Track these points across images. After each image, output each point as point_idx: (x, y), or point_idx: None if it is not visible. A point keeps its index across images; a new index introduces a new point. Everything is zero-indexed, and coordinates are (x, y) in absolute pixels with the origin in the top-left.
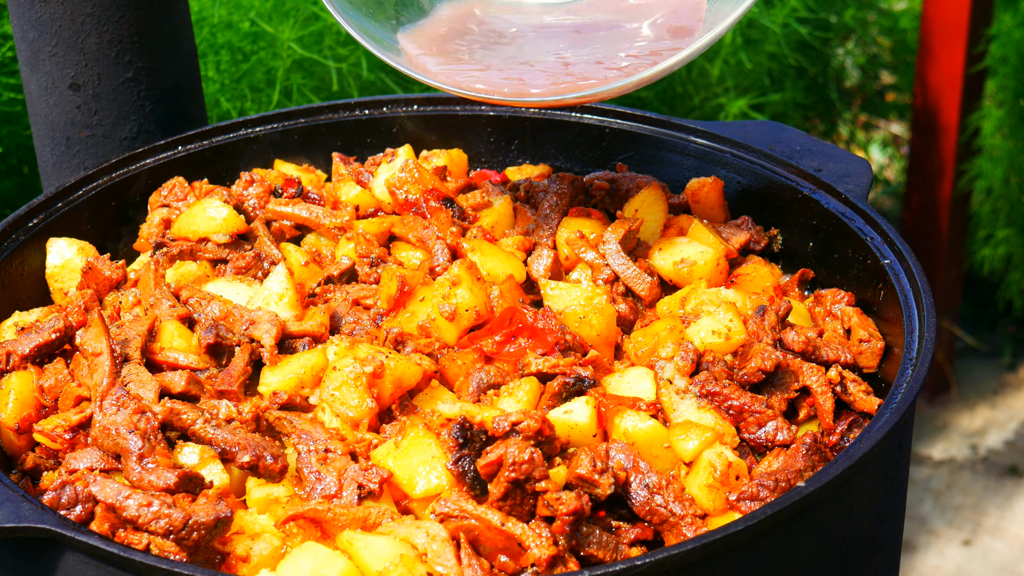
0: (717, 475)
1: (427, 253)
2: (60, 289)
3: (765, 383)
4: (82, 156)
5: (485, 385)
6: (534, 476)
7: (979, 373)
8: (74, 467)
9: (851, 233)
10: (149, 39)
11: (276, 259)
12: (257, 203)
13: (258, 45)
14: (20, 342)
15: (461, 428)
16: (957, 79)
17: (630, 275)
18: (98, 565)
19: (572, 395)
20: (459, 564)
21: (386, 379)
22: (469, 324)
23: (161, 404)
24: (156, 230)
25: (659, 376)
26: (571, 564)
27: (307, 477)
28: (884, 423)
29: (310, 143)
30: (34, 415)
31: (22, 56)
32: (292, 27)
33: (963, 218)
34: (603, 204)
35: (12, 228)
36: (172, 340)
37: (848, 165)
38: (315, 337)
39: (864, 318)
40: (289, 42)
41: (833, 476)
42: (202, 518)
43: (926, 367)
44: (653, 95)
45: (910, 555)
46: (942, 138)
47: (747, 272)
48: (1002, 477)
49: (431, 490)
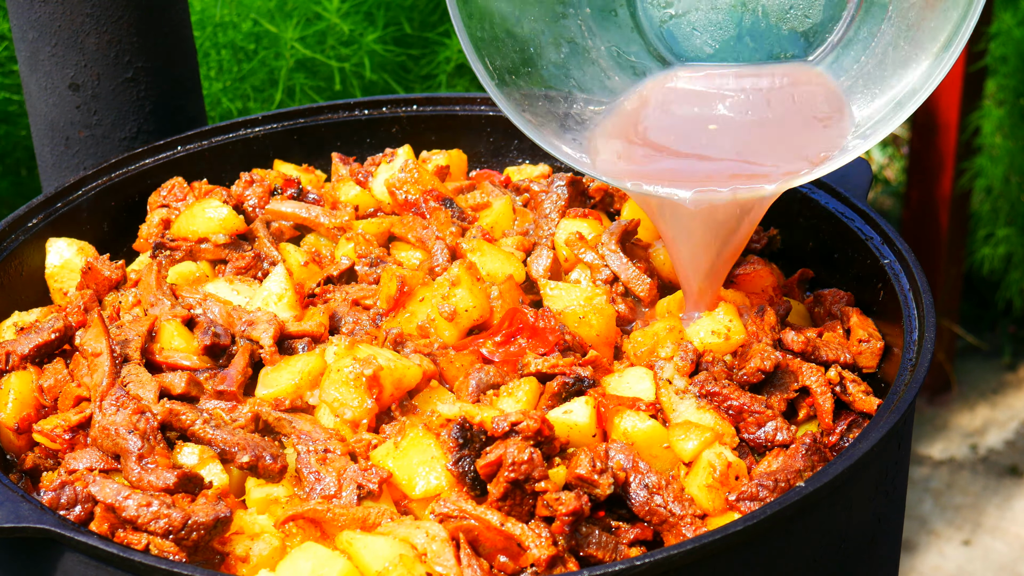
0: (716, 475)
1: (427, 253)
2: (60, 289)
3: (764, 383)
4: (81, 156)
5: (484, 385)
6: (533, 476)
7: (979, 373)
8: (73, 467)
9: (851, 233)
10: (149, 39)
11: (275, 259)
12: (257, 203)
13: (261, 45)
14: (20, 342)
15: (461, 428)
16: (957, 78)
17: (630, 275)
18: (97, 565)
19: (572, 395)
20: (458, 564)
21: (385, 380)
22: (469, 324)
23: (160, 404)
24: (155, 230)
25: (658, 376)
26: (570, 564)
27: (306, 477)
28: (884, 423)
29: (310, 143)
30: (33, 415)
31: (21, 56)
32: (295, 27)
33: (963, 217)
34: (602, 204)
35: (12, 228)
36: (172, 341)
37: (848, 165)
38: (314, 337)
39: (864, 318)
40: (292, 42)
41: (833, 476)
42: (201, 518)
43: (926, 367)
44: None
45: (910, 555)
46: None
47: (747, 272)
48: (1002, 477)
49: (431, 490)
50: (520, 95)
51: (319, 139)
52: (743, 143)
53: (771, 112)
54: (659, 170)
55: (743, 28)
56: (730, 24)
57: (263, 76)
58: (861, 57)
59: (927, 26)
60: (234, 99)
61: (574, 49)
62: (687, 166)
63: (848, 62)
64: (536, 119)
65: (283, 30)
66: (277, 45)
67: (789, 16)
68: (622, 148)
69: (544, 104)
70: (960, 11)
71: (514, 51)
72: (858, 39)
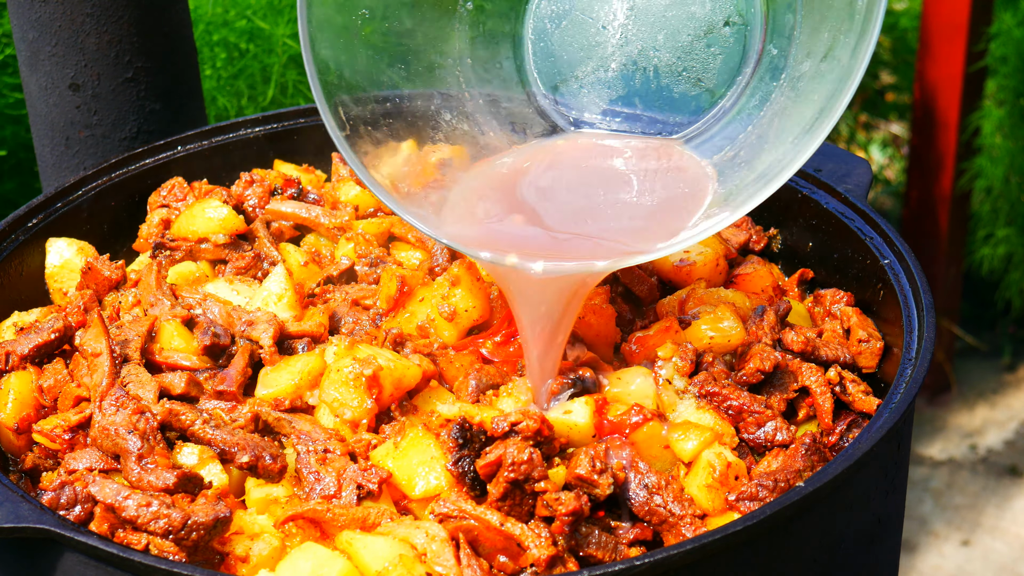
0: (716, 475)
1: (426, 253)
2: (59, 289)
3: (764, 383)
4: (82, 156)
5: (484, 385)
6: (533, 476)
7: (979, 373)
8: (73, 467)
9: (851, 233)
10: (149, 39)
11: (275, 259)
12: (257, 203)
13: (254, 42)
14: (19, 342)
15: (461, 428)
16: (957, 78)
17: (630, 276)
18: (97, 565)
19: (571, 395)
20: (458, 564)
21: (385, 380)
22: (468, 324)
23: (160, 404)
24: (155, 230)
25: (658, 376)
26: (570, 564)
27: (306, 477)
28: (883, 423)
29: (310, 143)
30: (33, 415)
31: (22, 56)
32: (287, 24)
33: (963, 217)
34: None
35: (12, 228)
36: (171, 341)
37: (848, 165)
38: (314, 337)
39: (863, 318)
40: (284, 39)
41: (832, 476)
42: (201, 518)
43: (925, 367)
44: None
45: (910, 555)
46: (942, 137)
47: (746, 272)
48: (1001, 477)
49: (430, 490)
50: (373, 147)
51: (319, 139)
52: (599, 217)
53: (635, 189)
54: (510, 238)
55: (632, 89)
56: (619, 84)
57: (256, 73)
58: (746, 128)
59: (810, 98)
60: (227, 96)
61: (447, 101)
62: (538, 236)
63: (728, 135)
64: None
65: (275, 27)
66: (270, 42)
67: (681, 79)
68: (480, 209)
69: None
70: (842, 83)
71: (375, 101)
72: (746, 109)
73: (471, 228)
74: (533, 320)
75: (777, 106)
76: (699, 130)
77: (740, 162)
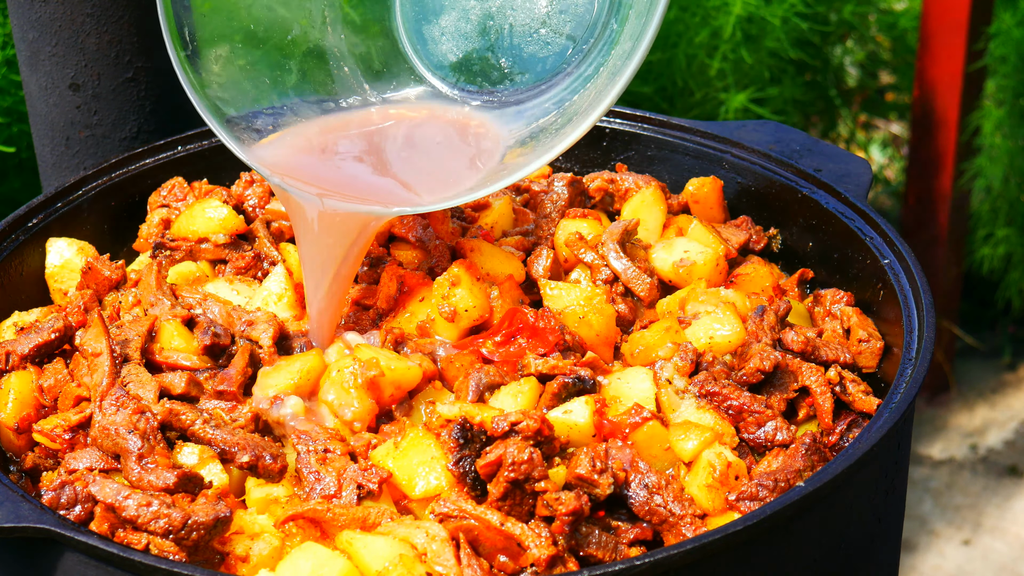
0: (716, 475)
1: (427, 253)
2: (60, 289)
3: (764, 383)
4: (82, 156)
5: (484, 385)
6: (533, 476)
7: (979, 373)
8: (73, 467)
9: (851, 233)
10: (149, 39)
11: (275, 259)
12: (257, 203)
13: None
14: (19, 342)
15: (461, 428)
16: (957, 77)
17: (630, 275)
18: (97, 565)
19: (571, 395)
20: (458, 564)
21: (385, 380)
22: (469, 324)
23: (160, 404)
24: (155, 230)
25: (658, 376)
26: (570, 564)
27: (306, 477)
28: (883, 423)
29: None
30: (33, 415)
31: (22, 56)
32: None
33: (963, 217)
34: (602, 204)
35: (12, 228)
36: (172, 341)
37: (848, 165)
38: None
39: (863, 318)
40: None
41: (832, 476)
42: (201, 518)
43: (925, 367)
44: (653, 91)
45: (910, 555)
46: (942, 137)
47: (746, 272)
48: (1002, 477)
49: (430, 490)
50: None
51: None
52: (397, 170)
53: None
54: (310, 173)
55: (488, 41)
56: (475, 36)
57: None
58: (574, 97)
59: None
60: None
61: (306, 33)
62: (345, 178)
63: (557, 101)
64: (228, 95)
65: None
66: None
67: (532, 40)
68: (296, 143)
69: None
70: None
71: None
72: (582, 77)
73: (277, 157)
74: (312, 255)
75: (603, 78)
76: (538, 91)
77: (558, 127)
